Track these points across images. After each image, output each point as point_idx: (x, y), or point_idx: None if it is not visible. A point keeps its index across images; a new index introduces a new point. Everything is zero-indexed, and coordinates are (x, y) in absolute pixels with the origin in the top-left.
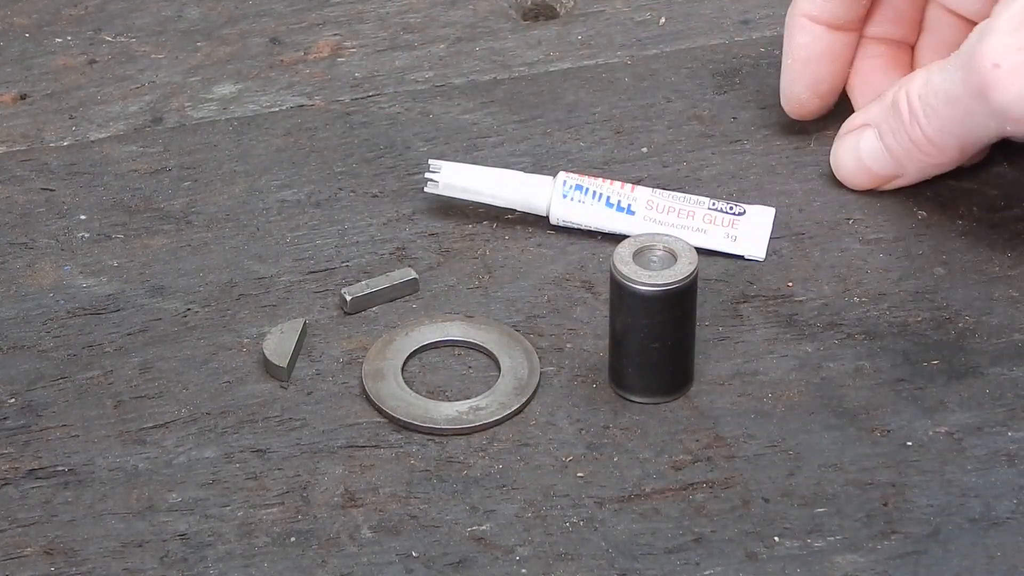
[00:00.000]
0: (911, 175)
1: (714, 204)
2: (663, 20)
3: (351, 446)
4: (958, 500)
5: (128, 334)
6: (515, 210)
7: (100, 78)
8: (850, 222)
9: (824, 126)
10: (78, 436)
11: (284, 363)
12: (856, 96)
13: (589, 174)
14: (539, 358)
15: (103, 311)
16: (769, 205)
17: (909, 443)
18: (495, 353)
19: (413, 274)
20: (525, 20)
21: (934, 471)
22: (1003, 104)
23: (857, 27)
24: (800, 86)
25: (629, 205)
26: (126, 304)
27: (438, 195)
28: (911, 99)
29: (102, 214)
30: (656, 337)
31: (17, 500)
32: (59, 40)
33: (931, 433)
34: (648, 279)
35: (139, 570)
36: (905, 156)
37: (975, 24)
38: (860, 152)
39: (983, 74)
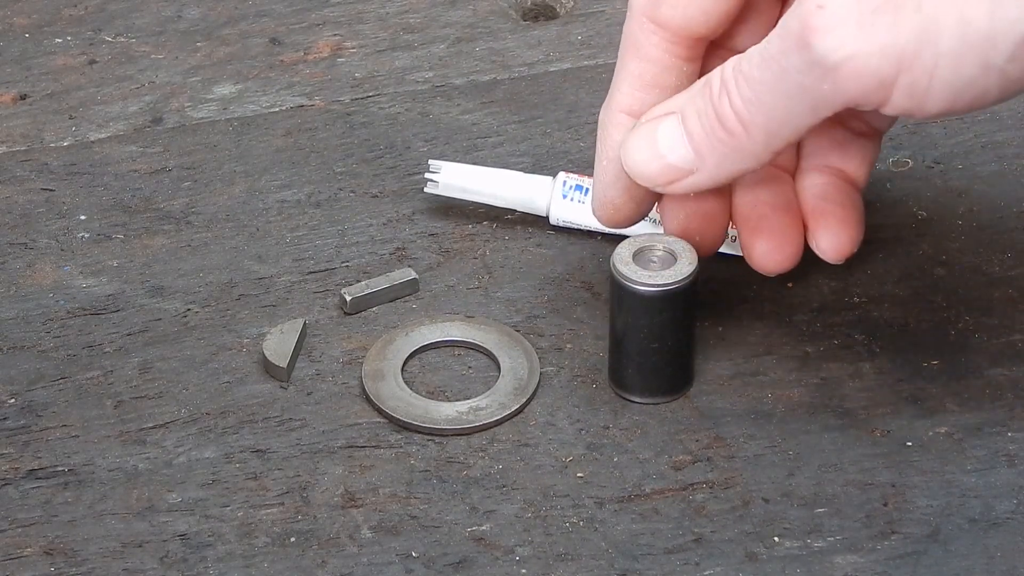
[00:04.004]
0: (707, 169)
1: None
2: None
3: (351, 446)
4: (958, 500)
5: (128, 334)
6: (515, 210)
7: (100, 78)
8: None
9: None
10: (78, 436)
11: (284, 363)
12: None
13: (589, 174)
14: (539, 358)
15: (103, 311)
16: None
17: (909, 443)
18: (495, 353)
19: (413, 274)
20: (525, 20)
21: (934, 471)
22: (824, 49)
23: None
24: (616, 189)
25: None
26: (126, 304)
27: (438, 195)
28: (724, 72)
29: (102, 214)
30: (656, 337)
31: (17, 500)
32: (59, 40)
33: (931, 433)
34: (648, 279)
35: (139, 570)
36: (706, 141)
37: None
38: (656, 138)
39: (805, 18)
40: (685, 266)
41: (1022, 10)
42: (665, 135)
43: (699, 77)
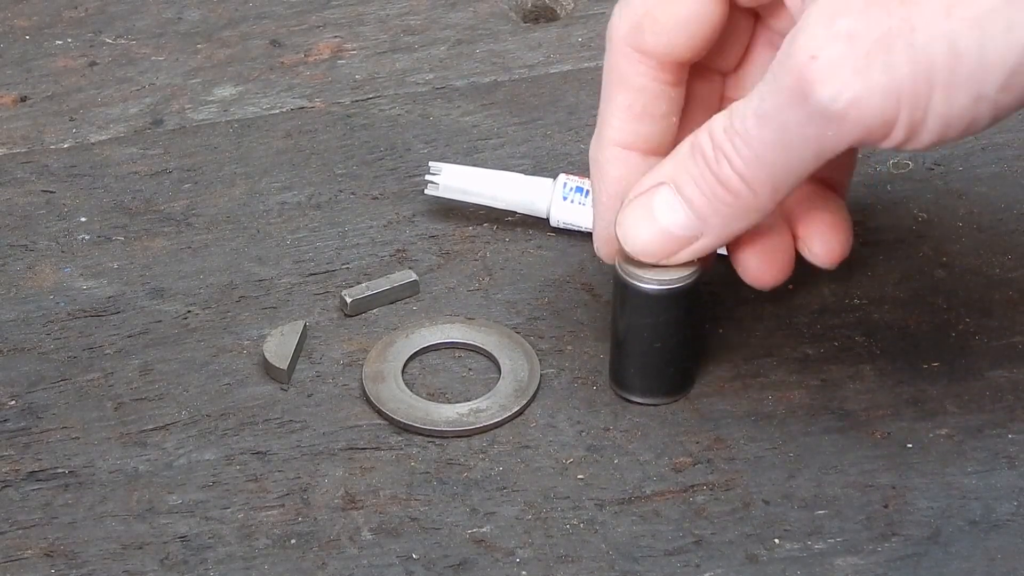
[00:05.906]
0: (713, 232)
1: None
2: None
3: (351, 448)
4: (958, 502)
5: (128, 336)
6: (515, 212)
7: (100, 80)
8: None
9: None
10: (78, 438)
11: (284, 365)
12: None
13: (590, 176)
14: (539, 360)
15: (103, 313)
16: None
17: (909, 445)
18: (495, 355)
19: (413, 276)
20: (525, 22)
21: (934, 473)
22: (825, 99)
23: (673, 148)
24: None
25: None
26: (126, 306)
27: (438, 197)
28: (715, 135)
29: (102, 216)
30: (659, 337)
31: (17, 502)
32: (59, 42)
33: (931, 435)
34: (652, 277)
35: (139, 572)
36: (708, 205)
37: None
38: (654, 212)
39: (800, 71)
40: (688, 266)
41: (1011, 41)
42: (662, 207)
43: (684, 101)
